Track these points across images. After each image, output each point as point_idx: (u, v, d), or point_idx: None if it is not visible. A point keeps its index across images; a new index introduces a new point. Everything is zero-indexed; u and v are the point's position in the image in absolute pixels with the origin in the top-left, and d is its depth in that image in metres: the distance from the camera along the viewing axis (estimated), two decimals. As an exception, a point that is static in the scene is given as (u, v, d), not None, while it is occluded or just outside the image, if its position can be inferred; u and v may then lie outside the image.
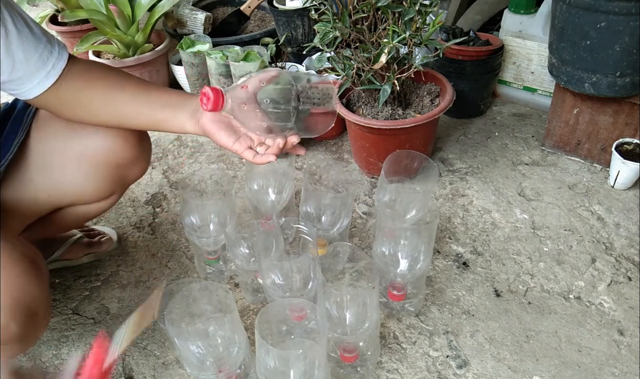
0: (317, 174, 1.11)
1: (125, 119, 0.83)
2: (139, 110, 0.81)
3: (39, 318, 0.72)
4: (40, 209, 0.93)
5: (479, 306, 1.03)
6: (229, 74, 1.56)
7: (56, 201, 0.93)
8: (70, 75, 0.76)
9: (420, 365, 0.93)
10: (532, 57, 1.53)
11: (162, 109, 0.81)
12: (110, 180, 0.94)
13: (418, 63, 1.16)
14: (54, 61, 0.73)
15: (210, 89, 0.70)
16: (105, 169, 0.91)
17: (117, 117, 0.83)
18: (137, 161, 0.94)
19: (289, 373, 0.72)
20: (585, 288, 1.05)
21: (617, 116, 1.27)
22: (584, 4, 1.09)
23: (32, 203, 0.90)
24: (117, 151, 0.90)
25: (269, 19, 2.01)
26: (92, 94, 0.79)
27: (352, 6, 1.13)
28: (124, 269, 1.19)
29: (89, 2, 1.72)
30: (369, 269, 0.86)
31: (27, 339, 0.71)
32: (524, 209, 1.25)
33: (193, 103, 0.81)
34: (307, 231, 0.94)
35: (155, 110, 0.81)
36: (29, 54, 0.70)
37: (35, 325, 0.71)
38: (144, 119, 0.83)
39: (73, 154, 0.89)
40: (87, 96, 0.79)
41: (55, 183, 0.90)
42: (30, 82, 0.73)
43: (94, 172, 0.91)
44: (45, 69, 0.73)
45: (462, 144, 1.49)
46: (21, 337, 0.69)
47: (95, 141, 0.88)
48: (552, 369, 0.91)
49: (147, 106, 0.81)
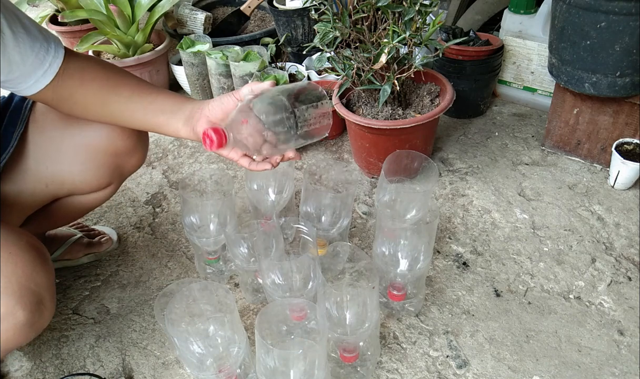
0: (317, 174, 1.11)
1: (120, 120, 0.84)
2: (132, 114, 0.82)
3: (45, 307, 0.72)
4: (39, 199, 0.94)
5: (479, 306, 1.03)
6: (228, 74, 1.56)
7: (54, 190, 0.94)
8: (67, 74, 0.76)
9: (420, 365, 0.93)
10: (532, 57, 1.53)
11: (155, 114, 0.81)
12: (108, 169, 0.94)
13: (418, 63, 1.16)
14: (50, 60, 0.73)
15: (212, 131, 0.71)
16: (103, 157, 0.92)
17: (112, 118, 0.84)
18: (134, 150, 0.95)
19: (289, 373, 0.72)
20: (585, 288, 1.05)
21: (617, 116, 1.27)
22: (584, 4, 1.09)
23: (30, 194, 0.91)
24: (114, 139, 0.91)
25: (269, 19, 2.01)
26: (87, 94, 0.79)
27: (352, 6, 1.13)
28: (124, 269, 1.19)
29: (89, 2, 1.72)
30: (369, 269, 0.86)
31: (33, 327, 0.72)
32: (524, 209, 1.25)
33: (187, 109, 0.80)
34: (307, 231, 0.94)
35: (148, 115, 0.81)
36: (25, 55, 0.70)
37: (42, 313, 0.72)
38: (138, 123, 0.83)
39: (71, 143, 0.90)
40: (83, 95, 0.79)
41: (53, 172, 0.91)
42: (27, 81, 0.73)
43: (91, 160, 0.92)
44: (42, 69, 0.73)
45: (462, 144, 1.49)
46: (28, 324, 0.70)
47: (92, 130, 0.89)
48: (552, 369, 0.91)
49: (141, 110, 0.81)
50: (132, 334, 1.04)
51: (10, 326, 0.68)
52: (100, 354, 1.01)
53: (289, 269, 0.89)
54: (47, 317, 0.74)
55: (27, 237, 0.72)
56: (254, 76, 1.42)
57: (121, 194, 1.42)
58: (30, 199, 0.92)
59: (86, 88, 0.79)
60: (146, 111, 0.81)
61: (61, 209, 1.00)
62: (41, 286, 0.70)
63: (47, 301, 0.72)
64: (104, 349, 1.02)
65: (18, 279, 0.67)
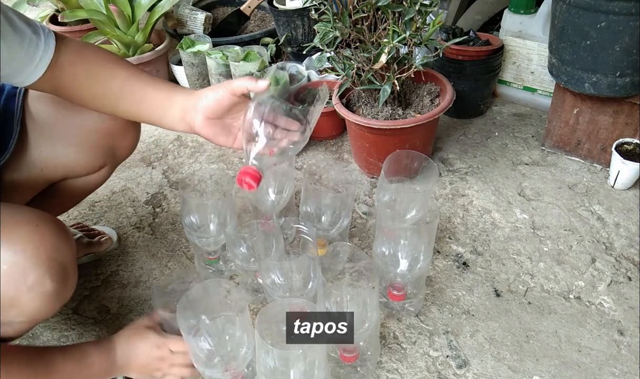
0: (317, 174, 1.11)
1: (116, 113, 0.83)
2: (126, 110, 0.81)
3: (69, 278, 0.73)
4: (35, 184, 0.94)
5: (479, 306, 1.03)
6: (228, 74, 1.56)
7: (48, 174, 0.94)
8: (59, 67, 0.75)
9: (420, 365, 0.93)
10: (532, 57, 1.53)
11: (147, 112, 0.80)
12: (101, 150, 0.95)
13: (418, 63, 1.16)
14: (40, 54, 0.72)
15: (250, 178, 0.71)
16: (96, 138, 0.93)
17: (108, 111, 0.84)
18: (126, 130, 0.96)
19: (289, 373, 0.72)
20: (585, 288, 1.05)
21: (617, 116, 1.27)
22: (584, 4, 1.09)
23: (25, 178, 0.91)
24: (106, 119, 0.92)
25: (269, 19, 2.01)
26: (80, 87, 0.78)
27: (352, 6, 1.13)
28: (124, 269, 1.19)
29: (89, 2, 1.72)
30: (369, 269, 0.86)
31: (60, 298, 0.72)
32: (524, 209, 1.25)
33: (179, 103, 0.78)
34: (307, 231, 0.94)
35: (141, 112, 0.81)
36: (14, 52, 0.69)
37: (67, 284, 0.73)
38: (133, 117, 0.83)
39: (63, 125, 0.90)
40: (76, 88, 0.78)
41: (47, 155, 0.91)
42: (19, 76, 0.72)
43: (84, 142, 0.92)
44: (33, 64, 0.72)
45: (462, 144, 1.49)
46: (55, 294, 0.70)
47: (85, 112, 0.89)
48: (552, 369, 0.91)
49: (133, 107, 0.80)
50: (132, 334, 1.04)
51: (39, 295, 0.69)
52: (100, 354, 1.01)
53: (289, 269, 0.89)
54: (71, 289, 0.75)
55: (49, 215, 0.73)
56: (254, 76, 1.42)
57: (121, 194, 1.42)
58: (26, 183, 0.92)
59: (79, 82, 0.78)
60: (138, 108, 0.80)
61: (58, 193, 1.01)
62: (66, 258, 0.71)
63: (71, 273, 0.73)
64: (104, 349, 1.02)
65: (46, 250, 0.68)
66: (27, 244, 0.66)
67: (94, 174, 1.00)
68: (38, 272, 0.67)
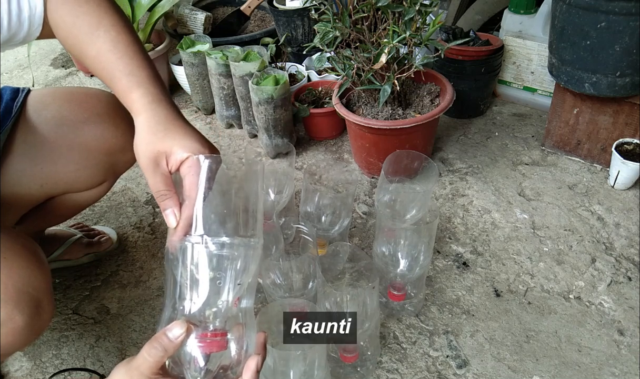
0: (317, 174, 1.11)
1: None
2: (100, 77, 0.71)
3: (43, 309, 0.71)
4: (34, 198, 0.94)
5: (479, 306, 1.03)
6: (228, 74, 1.56)
7: (49, 190, 0.93)
8: (52, 25, 0.69)
9: (420, 365, 0.93)
10: (532, 57, 1.53)
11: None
12: (102, 167, 0.94)
13: (418, 63, 1.16)
14: (29, 17, 0.66)
15: (217, 346, 0.53)
16: (97, 156, 0.92)
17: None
18: (127, 148, 0.95)
19: (289, 373, 0.72)
20: (585, 288, 1.05)
21: (617, 116, 1.27)
22: (584, 4, 1.09)
23: (25, 193, 0.90)
24: (107, 138, 0.91)
25: (269, 19, 2.01)
26: (71, 47, 0.70)
27: (352, 6, 1.13)
28: (124, 269, 1.19)
29: (89, 2, 1.72)
30: (369, 269, 0.86)
31: (33, 330, 0.71)
32: (524, 209, 1.25)
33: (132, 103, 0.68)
34: (307, 231, 0.94)
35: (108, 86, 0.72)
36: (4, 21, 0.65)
37: (40, 316, 0.71)
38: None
39: (64, 143, 0.89)
40: (69, 47, 0.70)
41: (48, 172, 0.90)
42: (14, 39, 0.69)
43: (85, 160, 0.91)
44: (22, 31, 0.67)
45: (462, 144, 1.49)
46: (27, 328, 0.69)
47: (86, 129, 0.89)
48: (552, 369, 0.91)
49: (104, 80, 0.69)
50: (132, 334, 1.04)
51: (9, 331, 0.67)
52: (100, 354, 1.01)
53: (289, 269, 0.89)
54: (46, 319, 0.73)
55: (22, 240, 0.71)
56: (254, 76, 1.42)
57: (121, 194, 1.42)
58: (25, 198, 0.91)
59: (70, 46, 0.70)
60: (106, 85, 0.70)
61: (56, 206, 1.00)
62: (38, 289, 0.69)
63: (45, 304, 0.72)
64: (104, 349, 1.02)
65: (14, 284, 0.66)
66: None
67: (94, 189, 0.99)
68: (6, 308, 0.65)
